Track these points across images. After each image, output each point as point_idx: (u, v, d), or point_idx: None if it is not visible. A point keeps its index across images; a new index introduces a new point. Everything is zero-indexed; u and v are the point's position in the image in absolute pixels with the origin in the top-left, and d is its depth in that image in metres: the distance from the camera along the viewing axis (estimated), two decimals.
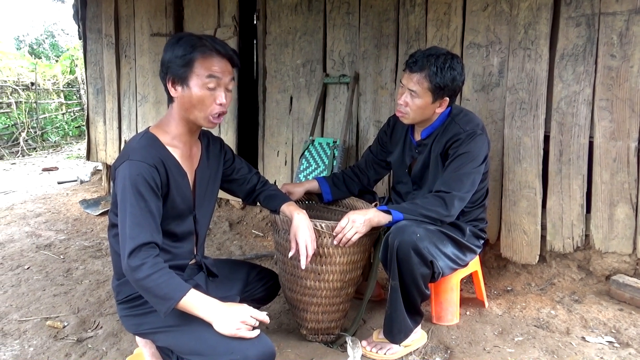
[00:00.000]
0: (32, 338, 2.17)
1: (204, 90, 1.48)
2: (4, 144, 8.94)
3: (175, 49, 1.48)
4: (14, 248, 3.40)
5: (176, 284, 1.40)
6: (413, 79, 1.88)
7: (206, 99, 1.49)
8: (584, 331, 2.09)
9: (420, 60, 1.87)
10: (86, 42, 4.83)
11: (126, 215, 1.41)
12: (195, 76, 1.47)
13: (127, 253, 1.37)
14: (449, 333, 2.10)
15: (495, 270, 2.70)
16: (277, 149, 3.52)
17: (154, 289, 1.38)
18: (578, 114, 2.32)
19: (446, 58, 1.87)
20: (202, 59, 1.47)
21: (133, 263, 1.37)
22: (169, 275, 1.39)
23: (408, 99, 1.92)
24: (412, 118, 1.96)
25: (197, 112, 1.51)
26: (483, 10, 2.53)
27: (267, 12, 3.44)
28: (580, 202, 2.36)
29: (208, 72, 1.47)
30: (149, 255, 1.39)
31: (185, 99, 1.50)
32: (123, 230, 1.42)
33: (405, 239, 1.75)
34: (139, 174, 1.43)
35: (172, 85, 1.51)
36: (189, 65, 1.47)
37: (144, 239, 1.39)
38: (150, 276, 1.37)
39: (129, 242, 1.38)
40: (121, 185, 1.44)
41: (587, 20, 2.26)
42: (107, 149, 4.77)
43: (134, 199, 1.41)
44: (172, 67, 1.49)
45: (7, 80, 9.53)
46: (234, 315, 1.40)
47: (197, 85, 1.48)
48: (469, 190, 1.89)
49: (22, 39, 17.33)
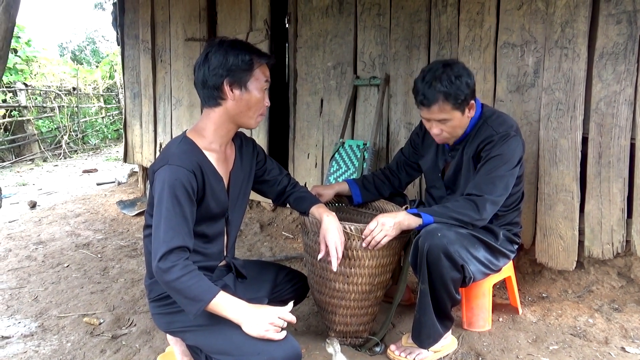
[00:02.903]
0: (70, 334, 2.25)
1: (262, 92, 1.59)
2: (48, 146, 9.33)
3: (232, 54, 1.52)
4: (55, 246, 3.53)
5: (206, 286, 1.42)
6: (434, 111, 1.86)
7: (262, 101, 1.60)
8: (623, 341, 2.00)
9: (427, 92, 1.82)
10: (124, 48, 4.99)
11: (161, 218, 1.44)
12: (255, 80, 1.56)
13: (158, 256, 1.40)
14: (480, 339, 2.05)
15: (529, 276, 2.63)
16: (307, 151, 3.53)
17: (184, 291, 1.40)
18: (618, 114, 2.23)
19: (445, 71, 1.81)
20: (259, 65, 1.57)
21: (164, 265, 1.39)
22: (198, 277, 1.42)
23: (441, 127, 1.90)
24: (454, 136, 1.96)
25: (251, 113, 1.60)
26: (518, 9, 2.47)
27: (298, 15, 3.47)
28: (620, 206, 2.27)
29: (265, 77, 1.59)
30: (179, 258, 1.41)
31: (243, 102, 1.56)
32: (157, 233, 1.44)
33: (436, 242, 1.72)
34: (177, 179, 1.46)
35: (229, 88, 1.54)
36: (251, 69, 1.54)
37: (176, 242, 1.41)
38: (181, 278, 1.39)
39: (162, 245, 1.41)
40: (159, 188, 1.47)
41: (629, 17, 2.17)
42: (143, 152, 4.90)
43: (170, 203, 1.44)
44: (235, 71, 1.53)
45: (50, 85, 9.94)
46: (262, 317, 1.41)
47: (257, 88, 1.57)
48: (501, 193, 1.84)
49: (65, 45, 18.09)
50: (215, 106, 1.57)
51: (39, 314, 2.46)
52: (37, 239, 3.73)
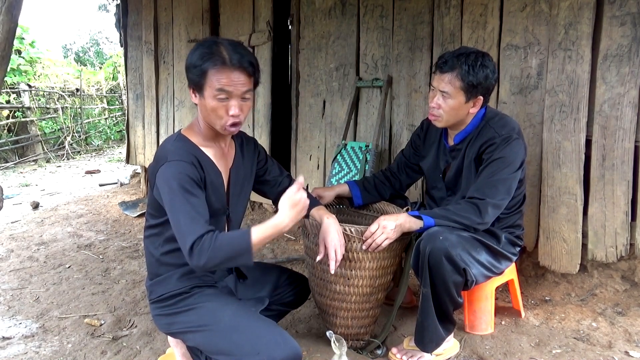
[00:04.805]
0: (71, 335, 2.24)
1: (216, 101, 1.48)
2: (51, 147, 9.35)
3: (193, 57, 1.49)
4: (57, 247, 3.54)
5: (236, 236, 1.41)
6: (444, 80, 1.84)
7: (219, 110, 1.49)
8: (627, 345, 1.98)
9: (450, 60, 1.83)
10: (127, 49, 5.00)
11: (179, 213, 1.41)
12: (208, 87, 1.47)
13: (188, 248, 1.37)
14: (482, 343, 2.04)
15: (532, 279, 2.61)
16: (309, 152, 3.53)
17: (226, 257, 1.38)
18: (622, 117, 2.22)
19: (477, 56, 1.82)
20: (213, 71, 1.46)
21: (196, 257, 1.36)
22: (223, 237, 1.39)
23: (440, 101, 1.87)
24: (445, 120, 1.92)
25: (214, 120, 1.53)
26: (521, 11, 2.46)
27: (301, 17, 3.47)
28: (624, 209, 2.25)
29: (219, 85, 1.46)
30: (202, 241, 1.37)
31: (202, 107, 1.53)
32: (178, 229, 1.41)
33: (438, 245, 1.71)
34: (181, 172, 1.45)
35: (192, 92, 1.54)
36: (203, 75, 1.47)
37: (201, 230, 1.38)
38: (213, 249, 1.36)
39: (188, 237, 1.38)
40: (167, 187, 1.45)
41: (633, 19, 2.16)
42: (146, 153, 4.91)
43: (183, 197, 1.42)
44: (190, 75, 1.51)
45: (54, 86, 9.97)
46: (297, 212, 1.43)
47: (210, 96, 1.48)
48: (504, 197, 1.83)
49: (69, 47, 18.16)
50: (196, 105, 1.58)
51: (40, 314, 2.46)
52: (39, 240, 3.73)
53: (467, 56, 1.82)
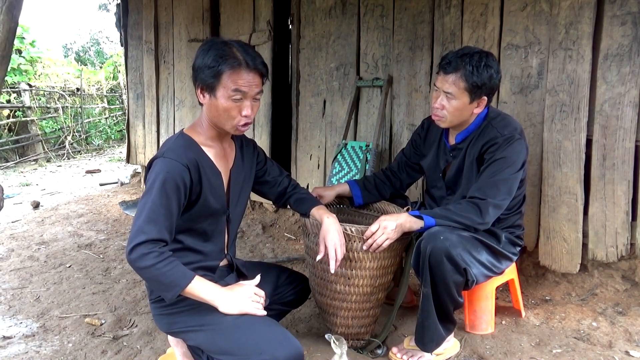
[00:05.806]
0: (71, 334, 2.24)
1: (230, 102, 1.49)
2: (51, 147, 9.35)
3: (206, 58, 1.49)
4: (58, 247, 3.54)
5: (181, 272, 1.44)
6: (448, 80, 1.83)
7: (232, 110, 1.51)
8: (627, 345, 1.98)
9: (454, 60, 1.82)
10: (127, 49, 5.00)
11: (145, 207, 1.44)
12: (222, 88, 1.48)
13: (133, 243, 1.40)
14: (483, 342, 2.04)
15: (533, 278, 2.61)
16: (310, 152, 3.53)
17: (159, 277, 1.41)
18: (623, 116, 2.22)
19: (481, 56, 1.81)
20: (230, 72, 1.47)
21: (140, 251, 1.39)
22: (174, 264, 1.43)
23: (444, 102, 1.87)
24: (449, 121, 1.91)
25: (224, 120, 1.53)
26: (521, 10, 2.46)
27: (301, 17, 3.47)
28: (625, 209, 2.25)
29: (235, 85, 1.47)
30: (155, 246, 1.41)
31: (212, 107, 1.53)
32: (137, 220, 1.44)
33: (438, 245, 1.71)
34: (169, 172, 1.46)
35: (200, 92, 1.54)
36: (217, 76, 1.47)
37: (154, 235, 1.41)
38: (156, 265, 1.39)
39: (139, 234, 1.41)
40: (151, 179, 1.48)
41: (633, 18, 2.16)
42: (146, 152, 4.91)
43: (158, 195, 1.44)
44: (201, 76, 1.50)
45: (54, 86, 9.97)
46: (238, 294, 1.48)
47: (223, 96, 1.49)
48: (505, 197, 1.82)
49: (69, 46, 18.15)
50: (201, 105, 1.58)
51: (40, 314, 2.46)
52: (39, 239, 3.73)
53: (470, 56, 1.81)
